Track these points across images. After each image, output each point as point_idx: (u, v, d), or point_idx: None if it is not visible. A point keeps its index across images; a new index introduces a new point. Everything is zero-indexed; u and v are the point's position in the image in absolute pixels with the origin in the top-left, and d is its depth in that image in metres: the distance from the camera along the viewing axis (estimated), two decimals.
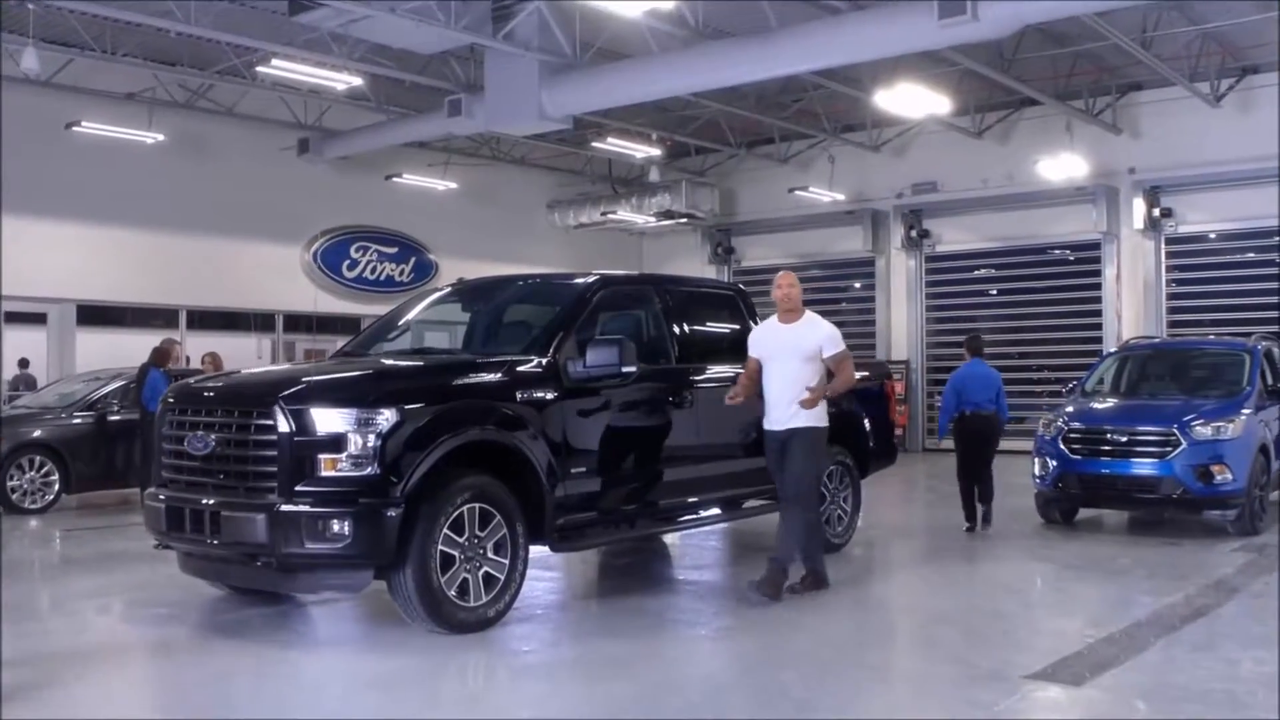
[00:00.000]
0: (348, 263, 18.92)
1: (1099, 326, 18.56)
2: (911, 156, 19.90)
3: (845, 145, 19.75)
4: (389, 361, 6.77)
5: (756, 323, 7.95)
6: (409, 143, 17.60)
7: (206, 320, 17.71)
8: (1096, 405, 10.31)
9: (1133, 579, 7.69)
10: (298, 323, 18.75)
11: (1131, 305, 18.24)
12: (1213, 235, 17.89)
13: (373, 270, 19.23)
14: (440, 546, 5.64)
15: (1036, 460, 10.00)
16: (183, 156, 16.51)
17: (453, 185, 19.32)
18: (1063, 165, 17.45)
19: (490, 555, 5.90)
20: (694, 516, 7.35)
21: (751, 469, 7.47)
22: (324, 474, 5.45)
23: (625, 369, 6.27)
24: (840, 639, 5.98)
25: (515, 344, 6.78)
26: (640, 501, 6.83)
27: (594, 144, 18.34)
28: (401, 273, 19.57)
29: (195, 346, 15.90)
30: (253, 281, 17.41)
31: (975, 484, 9.67)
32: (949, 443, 10.06)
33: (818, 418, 6.59)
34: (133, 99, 15.58)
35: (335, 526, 5.40)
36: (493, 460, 5.92)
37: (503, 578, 5.92)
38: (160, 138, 15.68)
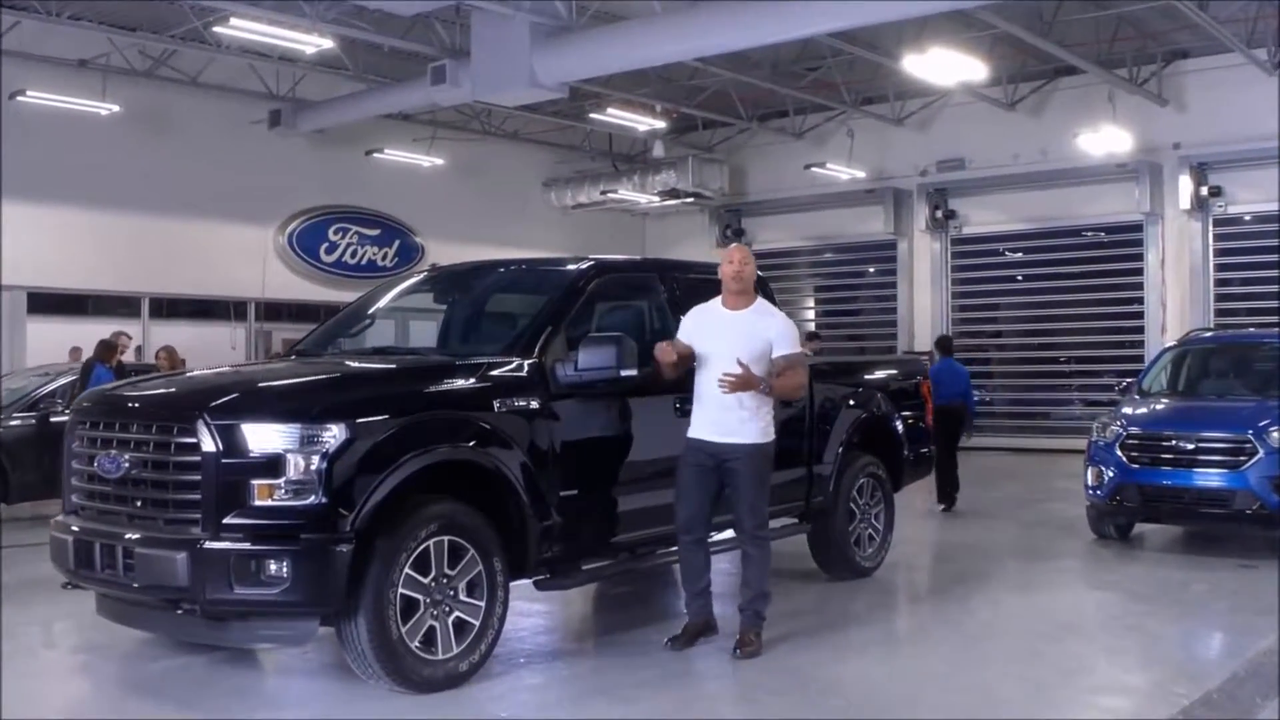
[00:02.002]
0: (326, 246, 18.45)
1: (1140, 315, 18.02)
2: (937, 130, 19.41)
3: (866, 118, 19.26)
4: (342, 364, 5.99)
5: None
6: (391, 115, 17.27)
7: (175, 308, 17.23)
8: (1157, 407, 9.52)
9: (1214, 613, 6.94)
10: (278, 311, 18.18)
11: (1177, 292, 17.64)
12: (1266, 216, 17.16)
13: (353, 254, 18.79)
14: (401, 589, 4.89)
15: (1090, 469, 9.26)
16: (142, 130, 15.93)
17: (439, 162, 18.88)
18: (1105, 139, 16.79)
19: (462, 598, 5.14)
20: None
21: (773, 484, 6.70)
22: (258, 503, 4.70)
23: (625, 372, 5.49)
24: (883, 700, 5.17)
25: (496, 341, 6.05)
26: (642, 527, 6.06)
27: (592, 115, 17.88)
28: (385, 256, 19.18)
29: (163, 337, 15.39)
30: (222, 267, 16.90)
31: (944, 471, 10.94)
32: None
33: (767, 430, 5.70)
34: (85, 66, 14.99)
35: (271, 567, 4.65)
36: (465, 483, 5.21)
37: (477, 624, 5.17)
38: (116, 109, 15.14)
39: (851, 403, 7.68)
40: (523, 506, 5.33)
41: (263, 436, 4.74)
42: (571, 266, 6.31)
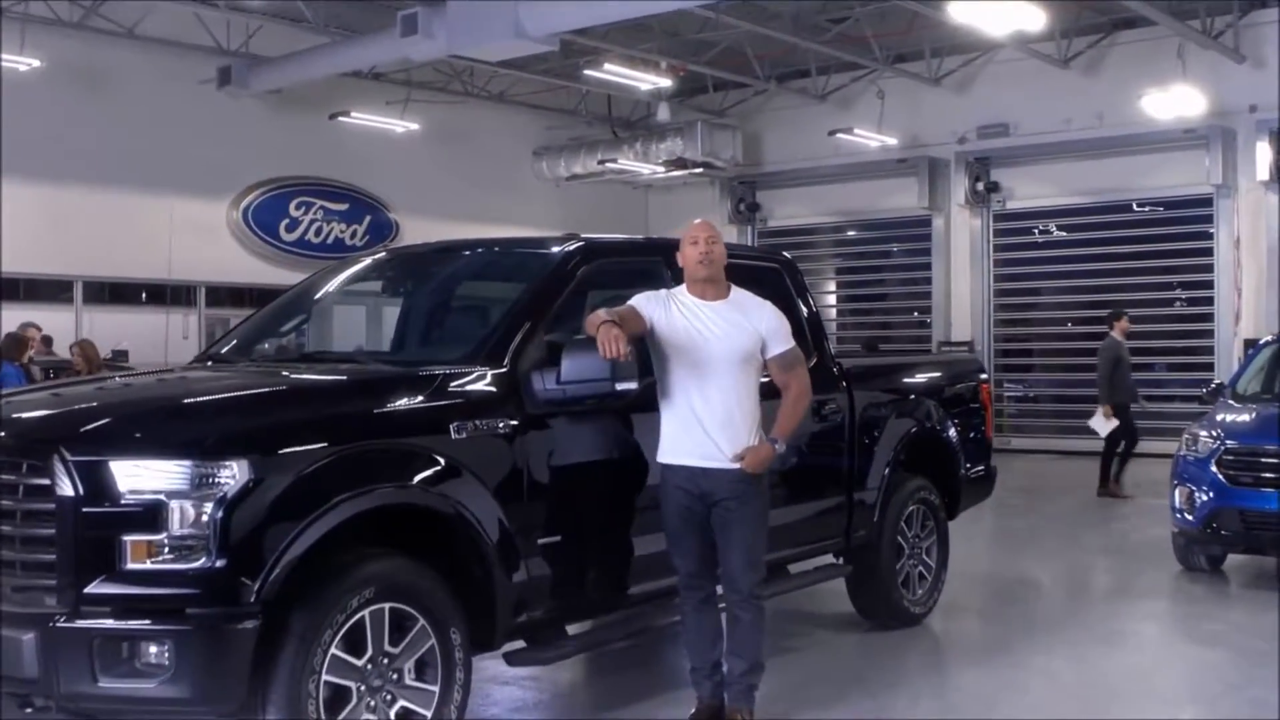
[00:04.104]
0: (286, 222, 18.08)
1: (1210, 301, 17.53)
2: (978, 92, 18.99)
3: (898, 77, 18.84)
4: (257, 376, 5.16)
5: (810, 307, 6.47)
6: (358, 73, 17.02)
7: (119, 293, 16.88)
8: (1261, 415, 8.68)
9: None
10: (240, 296, 17.71)
11: (1252, 275, 17.11)
12: None
13: (318, 231, 18.45)
14: (325, 676, 4.06)
15: (1178, 489, 8.51)
16: (70, 89, 15.35)
17: (414, 127, 18.51)
18: (1174, 100, 16.10)
19: (409, 681, 4.31)
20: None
21: (801, 519, 6.09)
22: (131, 566, 3.88)
23: (622, 385, 4.66)
24: None
25: (458, 344, 5.28)
26: (645, 579, 5.25)
27: (588, 73, 17.42)
28: (354, 234, 18.88)
29: (102, 326, 15.04)
30: (167, 246, 16.10)
31: None
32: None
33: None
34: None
35: (148, 652, 3.85)
36: (413, 533, 4.43)
37: (429, 715, 4.34)
38: (37, 64, 14.57)
39: (899, 413, 6.97)
40: (489, 560, 4.53)
41: (138, 477, 3.90)
42: (555, 249, 5.50)
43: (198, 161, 16.50)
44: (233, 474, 3.91)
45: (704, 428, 4.79)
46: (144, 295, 16.98)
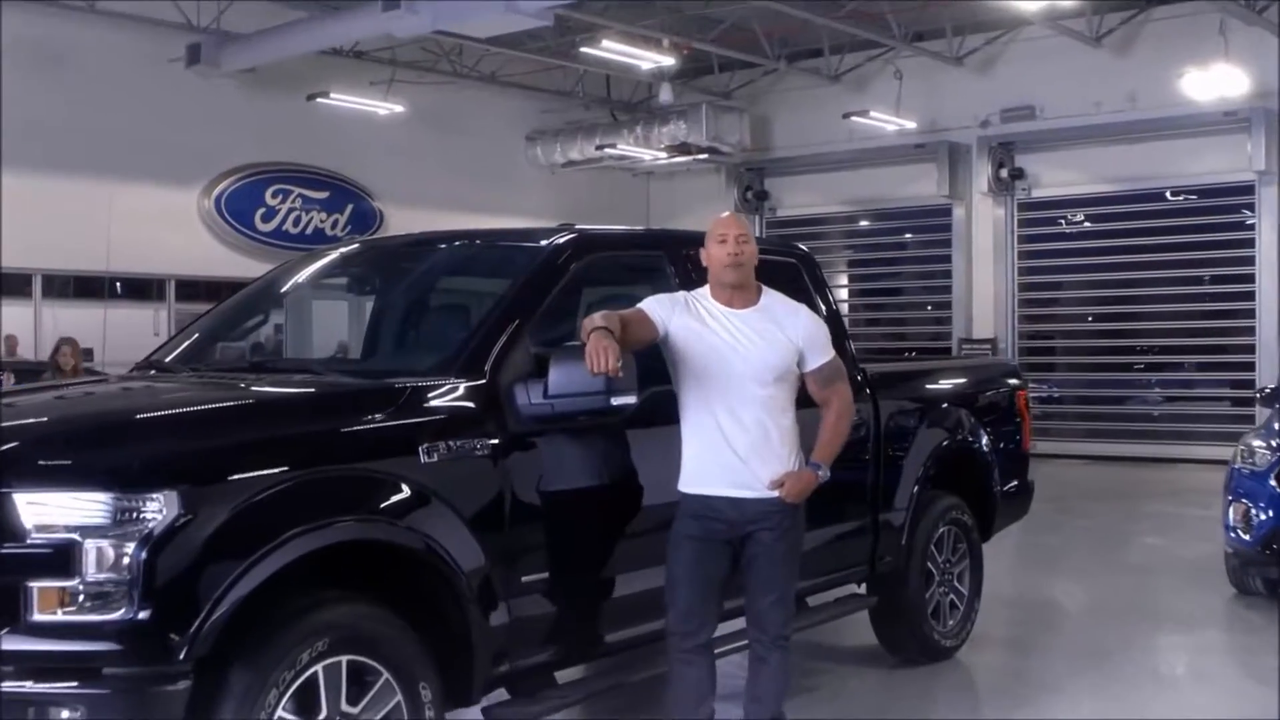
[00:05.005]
0: (262, 211, 18.00)
1: (1251, 296, 17.40)
2: (1003, 72, 18.99)
3: (917, 56, 18.88)
4: (197, 389, 4.76)
5: (830, 305, 6.15)
6: (338, 50, 16.93)
7: (83, 287, 16.44)
8: None
9: None
10: (218, 290, 17.29)
11: None
12: None
13: (296, 221, 18.36)
14: None
15: (1233, 506, 8.14)
16: (25, 68, 15.01)
17: (399, 109, 18.43)
18: (1215, 80, 15.97)
19: None
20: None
21: (821, 544, 5.68)
22: (39, 618, 3.49)
23: (619, 399, 4.29)
24: None
25: (433, 351, 4.93)
26: (645, 619, 4.83)
27: (584, 50, 17.30)
28: (335, 224, 18.83)
29: (65, 323, 14.72)
30: (133, 237, 15.96)
31: None
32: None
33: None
34: None
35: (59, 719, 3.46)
36: (376, 573, 4.07)
37: None
38: None
39: (929, 424, 6.65)
40: (464, 601, 4.15)
41: (46, 512, 3.50)
42: (543, 242, 5.12)
43: (166, 146, 16.32)
44: (159, 508, 3.51)
45: (735, 452, 4.43)
46: (109, 289, 16.47)
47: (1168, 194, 18.15)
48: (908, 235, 21.31)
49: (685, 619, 4.50)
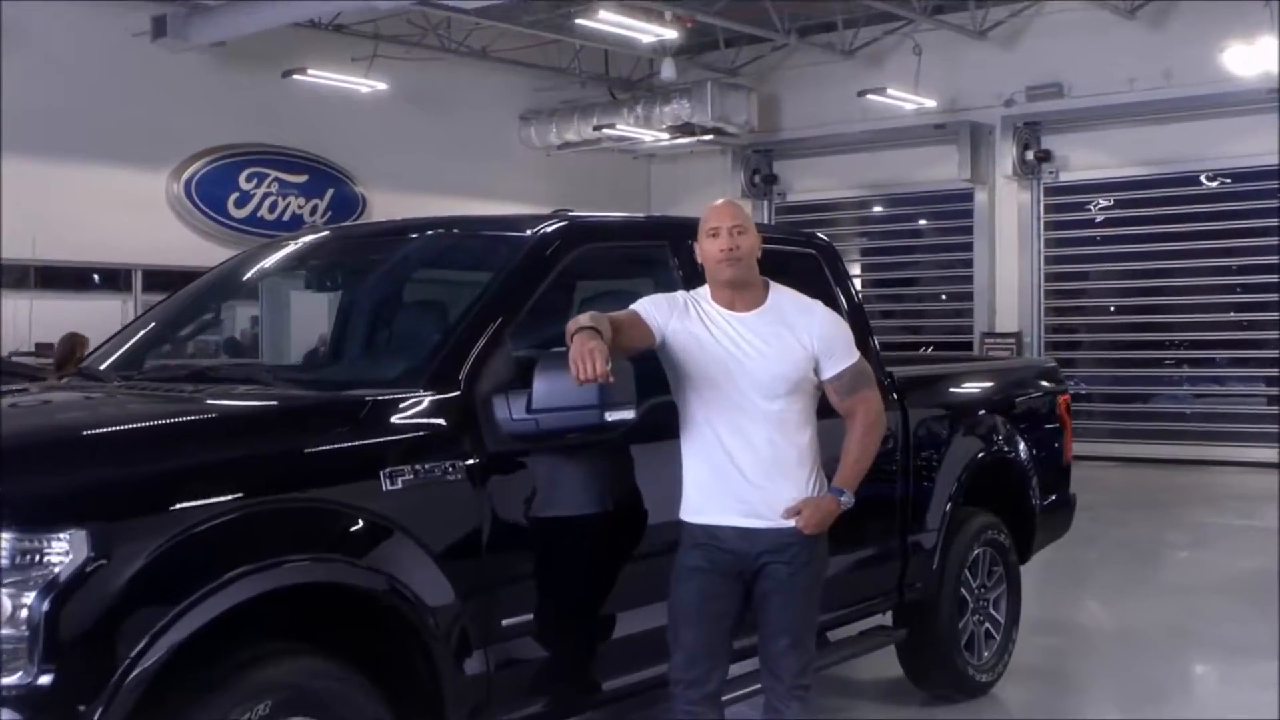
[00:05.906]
0: (236, 196, 17.78)
1: None
2: (1028, 47, 18.82)
3: (937, 30, 18.60)
4: (124, 402, 4.40)
5: (853, 300, 5.82)
6: (316, 23, 16.65)
7: (45, 278, 16.49)
8: None
9: None
10: (184, 280, 16.81)
11: None
12: None
13: (272, 207, 18.16)
14: None
15: None
16: None
17: (382, 87, 18.16)
18: (1260, 54, 15.73)
19: None
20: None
21: (845, 571, 5.39)
22: None
23: (613, 414, 3.96)
24: None
25: (401, 357, 4.66)
26: (644, 665, 4.53)
27: (580, 22, 17.06)
28: (314, 209, 18.62)
29: (25, 316, 14.90)
30: (96, 224, 16.01)
31: None
32: None
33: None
34: None
35: None
36: (332, 620, 3.73)
37: None
38: None
39: (964, 433, 6.37)
40: (433, 649, 3.82)
41: None
42: (528, 231, 4.78)
43: (131, 127, 16.09)
44: (65, 549, 3.13)
45: (744, 475, 4.07)
46: (73, 280, 16.72)
47: (1203, 178, 18.03)
48: (926, 222, 21.28)
49: (691, 665, 4.16)
